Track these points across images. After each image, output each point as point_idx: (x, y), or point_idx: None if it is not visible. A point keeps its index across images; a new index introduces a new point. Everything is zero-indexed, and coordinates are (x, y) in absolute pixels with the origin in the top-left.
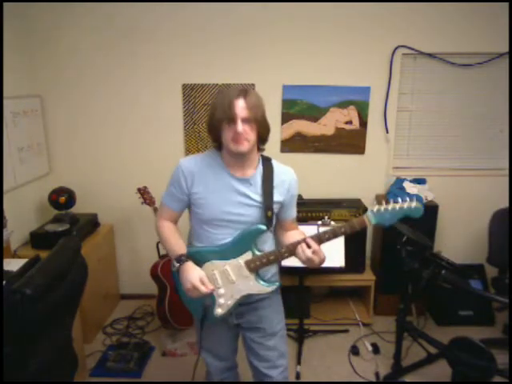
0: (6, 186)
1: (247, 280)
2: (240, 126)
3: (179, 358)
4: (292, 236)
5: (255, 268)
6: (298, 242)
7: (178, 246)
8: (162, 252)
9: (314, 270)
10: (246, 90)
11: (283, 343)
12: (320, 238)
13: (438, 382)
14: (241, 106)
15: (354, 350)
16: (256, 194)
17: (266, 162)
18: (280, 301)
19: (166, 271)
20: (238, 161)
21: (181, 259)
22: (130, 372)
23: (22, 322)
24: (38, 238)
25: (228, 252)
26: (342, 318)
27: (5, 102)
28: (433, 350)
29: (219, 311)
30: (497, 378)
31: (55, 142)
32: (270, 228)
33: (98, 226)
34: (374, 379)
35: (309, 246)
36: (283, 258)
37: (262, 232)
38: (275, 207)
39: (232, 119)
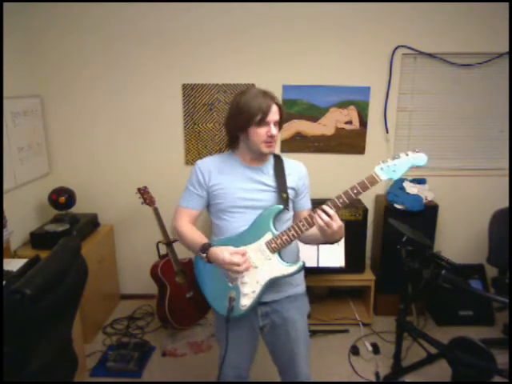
0: (6, 186)
1: (270, 262)
2: (274, 130)
3: (179, 357)
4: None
5: (276, 247)
6: (315, 212)
7: (200, 238)
8: (162, 252)
9: (314, 269)
10: (273, 95)
11: (306, 348)
12: (335, 204)
13: (437, 382)
14: (274, 111)
15: (354, 350)
16: (269, 181)
17: (276, 157)
18: (306, 302)
19: (166, 271)
20: (255, 157)
21: (205, 247)
22: (129, 372)
23: (22, 322)
24: (38, 238)
25: (248, 237)
26: (341, 318)
27: (5, 101)
28: (433, 350)
29: (245, 303)
30: (497, 378)
31: (55, 141)
32: (287, 208)
33: (98, 225)
34: (374, 379)
35: (326, 213)
36: (302, 231)
37: (278, 211)
38: (289, 192)
39: (267, 123)
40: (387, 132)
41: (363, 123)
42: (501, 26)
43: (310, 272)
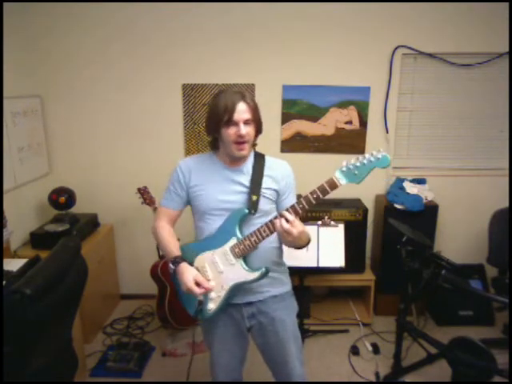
0: (6, 186)
1: (234, 268)
2: (243, 129)
3: (179, 357)
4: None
5: (240, 253)
6: (275, 218)
7: (175, 248)
8: (162, 252)
9: (314, 269)
10: (243, 93)
11: (297, 347)
12: (295, 209)
13: (437, 382)
14: (242, 110)
15: (354, 350)
16: (247, 181)
17: (259, 156)
18: (294, 302)
19: (165, 271)
20: (232, 159)
21: (175, 261)
22: (129, 372)
23: (22, 322)
24: (38, 238)
25: (215, 241)
26: (342, 318)
27: (5, 101)
28: (433, 350)
29: (211, 307)
30: (497, 378)
31: (55, 141)
32: (252, 212)
33: (98, 226)
34: (374, 379)
35: (286, 219)
36: (263, 237)
37: (243, 215)
38: (268, 194)
39: (235, 123)
40: (387, 132)
41: (363, 123)
42: (501, 26)
43: (310, 272)
